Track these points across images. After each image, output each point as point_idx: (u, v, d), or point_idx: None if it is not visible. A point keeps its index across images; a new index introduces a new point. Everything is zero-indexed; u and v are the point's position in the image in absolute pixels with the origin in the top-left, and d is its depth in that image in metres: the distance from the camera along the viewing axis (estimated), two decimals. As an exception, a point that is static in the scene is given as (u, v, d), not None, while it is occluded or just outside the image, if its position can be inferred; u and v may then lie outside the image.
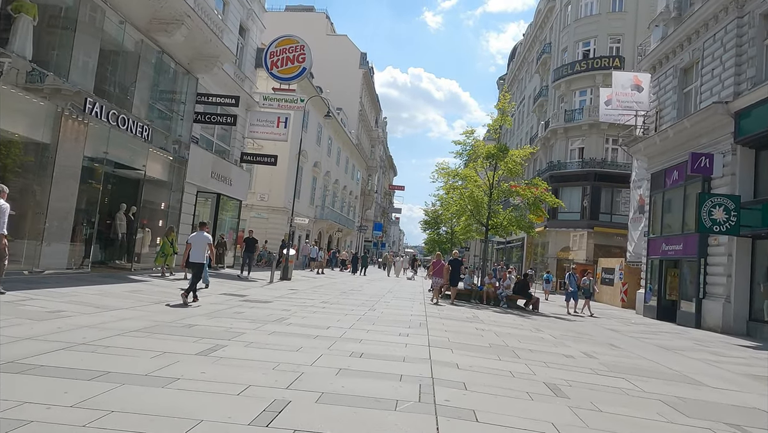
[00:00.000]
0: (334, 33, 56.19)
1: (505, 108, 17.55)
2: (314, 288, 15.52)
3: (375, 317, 9.39)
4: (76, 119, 11.24)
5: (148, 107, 14.45)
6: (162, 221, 15.90)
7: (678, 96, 17.64)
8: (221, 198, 20.48)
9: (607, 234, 30.28)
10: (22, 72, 9.81)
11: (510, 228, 17.40)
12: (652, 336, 11.60)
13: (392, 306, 12.11)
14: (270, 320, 7.74)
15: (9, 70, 9.32)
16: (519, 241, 38.81)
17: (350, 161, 48.67)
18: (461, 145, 17.72)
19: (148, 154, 14.19)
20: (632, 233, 22.13)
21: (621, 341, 10.10)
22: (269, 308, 9.35)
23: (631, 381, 5.83)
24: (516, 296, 16.29)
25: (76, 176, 11.53)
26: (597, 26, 32.58)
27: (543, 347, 7.87)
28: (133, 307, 7.84)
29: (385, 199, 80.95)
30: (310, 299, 11.97)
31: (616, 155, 31.50)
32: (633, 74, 21.68)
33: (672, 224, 17.07)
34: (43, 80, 10.42)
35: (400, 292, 17.83)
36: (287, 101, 21.83)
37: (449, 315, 11.30)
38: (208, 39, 15.07)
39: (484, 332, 8.82)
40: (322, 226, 39.00)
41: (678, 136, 16.32)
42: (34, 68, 9.69)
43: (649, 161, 19.05)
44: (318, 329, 7.33)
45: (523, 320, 12.01)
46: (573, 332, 10.63)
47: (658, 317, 16.77)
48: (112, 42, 12.94)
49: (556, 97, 34.90)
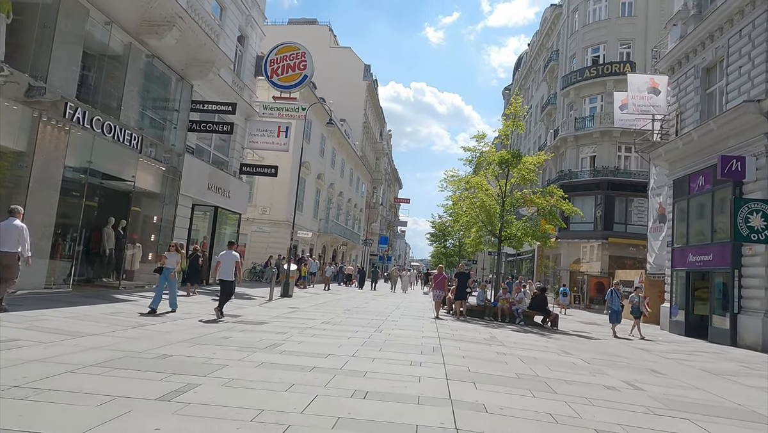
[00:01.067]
0: (337, 45, 55.74)
1: (517, 112, 16.56)
2: (316, 306, 14.46)
3: (382, 341, 8.32)
4: (56, 126, 10.36)
5: (139, 115, 13.58)
6: (154, 236, 14.95)
7: (701, 97, 16.63)
8: (219, 211, 19.56)
9: (620, 245, 29.09)
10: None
11: (524, 239, 16.32)
12: (690, 357, 10.43)
13: (400, 326, 11.03)
14: (260, 347, 6.70)
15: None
16: (529, 253, 37.61)
17: (354, 173, 47.80)
18: (471, 151, 16.71)
19: (137, 164, 13.30)
20: (652, 243, 20.95)
21: (659, 364, 8.97)
22: (262, 331, 8.32)
23: (697, 423, 4.75)
24: (533, 312, 15.16)
25: (56, 187, 10.60)
26: (606, 31, 31.73)
27: (578, 376, 6.77)
28: (106, 332, 6.83)
29: (390, 212, 79.96)
30: (310, 318, 10.91)
31: (629, 163, 30.47)
32: (649, 77, 20.74)
33: (699, 232, 15.93)
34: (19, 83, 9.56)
35: (408, 309, 16.73)
36: (288, 110, 21.02)
37: (464, 336, 10.20)
38: (202, 42, 14.24)
39: (507, 358, 7.73)
40: (326, 239, 37.99)
41: (703, 139, 15.27)
42: (3, 68, 8.81)
43: (671, 167, 17.97)
44: (316, 357, 6.28)
45: (546, 341, 10.88)
46: (604, 355, 9.50)
47: (686, 333, 15.55)
48: (97, 44, 12.13)
49: (565, 105, 33.97)
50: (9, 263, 7.29)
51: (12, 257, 7.32)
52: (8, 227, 7.34)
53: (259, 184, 27.69)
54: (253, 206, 27.15)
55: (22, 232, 7.45)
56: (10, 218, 7.45)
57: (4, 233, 7.26)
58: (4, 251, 7.22)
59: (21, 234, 7.42)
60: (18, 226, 7.42)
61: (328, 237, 37.66)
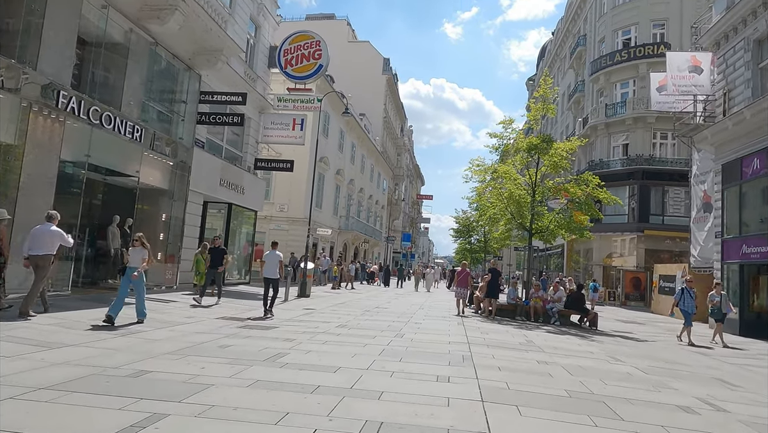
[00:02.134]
0: (355, 40, 54.78)
1: (546, 95, 15.23)
2: (333, 307, 13.49)
3: (403, 348, 7.26)
4: (49, 116, 9.61)
5: (142, 106, 12.80)
6: (163, 234, 14.19)
7: (752, 72, 15.07)
8: (234, 208, 18.78)
9: (657, 238, 27.36)
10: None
11: (558, 232, 15.01)
12: (757, 363, 9.11)
13: (424, 329, 9.96)
14: (260, 359, 5.72)
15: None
16: (558, 248, 36.01)
17: (375, 169, 46.78)
18: (497, 138, 15.47)
19: (142, 158, 12.53)
20: (696, 235, 19.39)
21: (726, 372, 7.70)
22: (268, 337, 7.36)
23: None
24: (569, 311, 13.90)
25: (51, 183, 9.85)
26: (638, 12, 29.90)
27: (640, 391, 5.60)
28: (86, 342, 5.97)
29: (413, 209, 78.69)
30: (324, 321, 9.93)
31: (665, 150, 28.69)
32: (690, 54, 19.16)
33: (755, 221, 14.41)
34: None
35: (433, 308, 15.64)
36: (303, 102, 20.13)
37: (496, 340, 9.07)
38: (209, 28, 13.40)
39: (550, 368, 6.59)
40: (347, 237, 37.09)
41: (757, 117, 13.79)
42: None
43: (717, 151, 16.44)
44: (322, 372, 5.27)
45: (589, 345, 9.67)
46: (659, 361, 8.26)
47: (740, 332, 14.07)
48: (95, 30, 11.35)
49: (595, 92, 32.26)
50: (42, 264, 7.49)
51: (45, 259, 7.50)
52: (42, 231, 7.55)
53: (277, 180, 26.92)
54: (270, 204, 26.39)
55: (55, 236, 7.64)
56: (47, 223, 7.66)
57: (38, 237, 7.48)
58: (35, 254, 7.43)
59: (53, 238, 7.61)
60: (53, 231, 7.62)
61: (348, 234, 36.75)
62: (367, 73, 49.13)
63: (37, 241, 7.47)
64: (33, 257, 7.43)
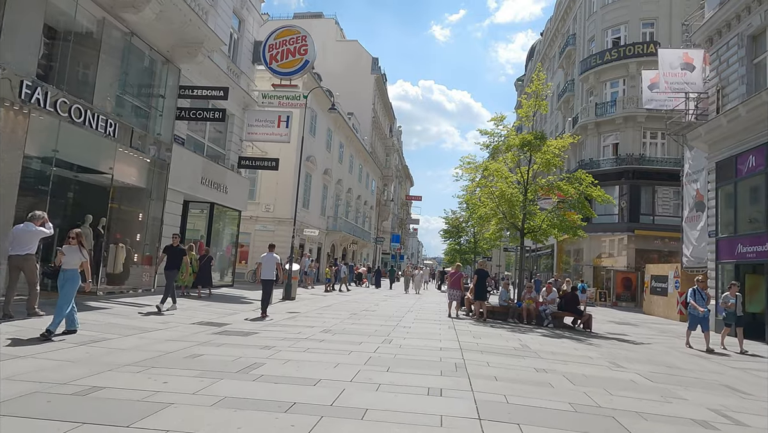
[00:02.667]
0: (344, 39, 54.21)
1: (539, 91, 14.84)
2: (319, 310, 12.93)
3: (391, 356, 6.74)
4: (11, 108, 8.95)
5: (116, 100, 12.15)
6: (140, 234, 13.52)
7: (746, 68, 14.79)
8: (216, 208, 18.15)
9: (648, 238, 27.17)
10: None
11: (550, 231, 14.61)
12: (758, 366, 8.73)
13: (414, 333, 9.45)
14: (232, 371, 5.16)
15: None
16: (548, 249, 35.75)
17: (364, 169, 46.21)
18: (488, 135, 15.02)
19: (116, 154, 11.86)
20: (688, 234, 19.12)
21: (732, 378, 7.29)
22: (245, 345, 6.79)
23: None
24: (563, 313, 13.49)
25: (14, 181, 9.16)
26: (627, 11, 29.74)
27: (650, 403, 5.13)
28: (39, 354, 5.37)
29: (402, 210, 78.21)
30: (308, 326, 9.38)
31: (655, 150, 28.53)
32: (683, 51, 18.89)
33: (751, 219, 14.11)
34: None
35: (423, 311, 15.13)
36: (288, 98, 19.52)
37: (490, 346, 8.58)
38: (187, 19, 12.77)
39: (550, 377, 6.10)
40: (335, 238, 36.47)
41: (752, 114, 13.48)
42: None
43: (711, 148, 16.14)
44: (300, 385, 4.73)
45: (587, 349, 9.22)
46: (662, 366, 7.83)
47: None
48: (64, 19, 10.69)
49: (584, 91, 32.06)
50: (22, 265, 7.24)
51: (28, 259, 7.28)
52: (24, 231, 7.30)
53: (262, 180, 26.25)
54: (255, 204, 25.73)
55: (36, 235, 7.43)
56: (29, 223, 7.38)
57: (19, 237, 7.26)
58: (16, 254, 7.19)
59: (33, 237, 7.39)
60: (34, 231, 7.40)
61: (336, 235, 36.15)
62: (355, 72, 48.62)
63: (18, 240, 7.24)
64: (14, 257, 7.22)
